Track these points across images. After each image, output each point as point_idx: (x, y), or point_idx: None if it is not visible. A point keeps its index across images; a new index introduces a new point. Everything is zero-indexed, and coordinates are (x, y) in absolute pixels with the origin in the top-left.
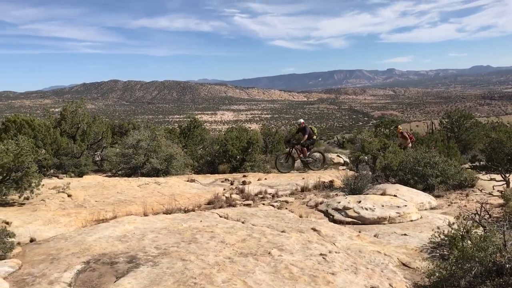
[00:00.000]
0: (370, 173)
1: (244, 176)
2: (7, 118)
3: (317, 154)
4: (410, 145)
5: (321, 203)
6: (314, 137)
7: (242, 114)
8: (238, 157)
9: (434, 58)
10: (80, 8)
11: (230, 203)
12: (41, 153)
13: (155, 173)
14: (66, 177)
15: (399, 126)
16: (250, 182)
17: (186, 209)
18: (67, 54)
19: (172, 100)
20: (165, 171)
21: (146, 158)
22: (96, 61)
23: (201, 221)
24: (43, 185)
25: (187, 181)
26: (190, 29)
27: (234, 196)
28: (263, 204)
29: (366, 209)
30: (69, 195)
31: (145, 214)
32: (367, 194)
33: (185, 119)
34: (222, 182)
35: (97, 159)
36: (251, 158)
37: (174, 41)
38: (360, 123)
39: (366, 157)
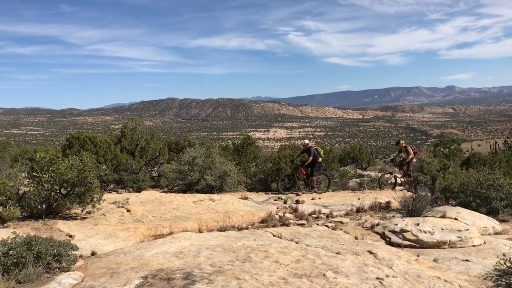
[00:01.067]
0: (429, 194)
1: (298, 195)
2: (71, 135)
3: (322, 176)
4: (414, 160)
5: (377, 224)
6: (320, 159)
7: (295, 132)
8: None
9: (497, 75)
10: (141, 29)
11: (283, 222)
12: (102, 169)
13: (209, 189)
14: (125, 192)
15: (401, 140)
16: (303, 201)
17: (239, 227)
18: (127, 73)
19: (226, 117)
20: (219, 188)
21: (201, 175)
22: (154, 80)
23: (254, 239)
24: (104, 199)
25: (240, 198)
26: (245, 48)
27: (287, 215)
28: (317, 224)
29: (425, 232)
30: (128, 210)
31: (200, 231)
32: (425, 216)
33: (238, 136)
34: (275, 200)
35: (155, 175)
36: None
37: (229, 59)
38: (418, 142)
39: (424, 178)
